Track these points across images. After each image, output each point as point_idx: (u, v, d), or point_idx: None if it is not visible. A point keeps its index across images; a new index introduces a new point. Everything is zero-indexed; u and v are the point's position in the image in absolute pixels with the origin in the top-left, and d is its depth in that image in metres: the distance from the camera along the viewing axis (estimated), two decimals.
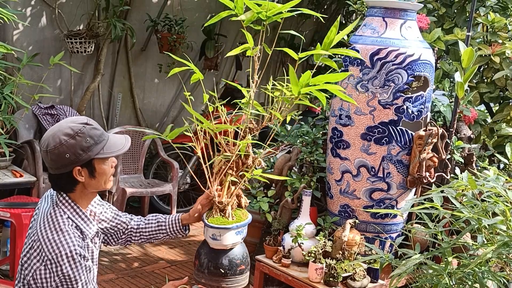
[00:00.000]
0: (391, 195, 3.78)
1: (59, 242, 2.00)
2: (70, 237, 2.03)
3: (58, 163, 2.07)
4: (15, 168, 4.68)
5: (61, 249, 1.99)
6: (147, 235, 2.49)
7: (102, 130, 2.14)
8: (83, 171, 2.10)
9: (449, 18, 4.78)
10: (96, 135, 2.10)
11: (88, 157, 2.08)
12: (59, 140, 2.05)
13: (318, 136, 4.36)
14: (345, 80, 3.78)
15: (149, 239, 2.50)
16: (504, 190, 2.34)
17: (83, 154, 2.06)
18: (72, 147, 2.05)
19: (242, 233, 2.39)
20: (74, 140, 2.05)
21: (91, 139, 2.08)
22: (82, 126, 2.08)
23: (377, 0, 3.77)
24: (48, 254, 1.99)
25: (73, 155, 2.05)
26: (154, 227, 2.48)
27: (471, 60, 2.87)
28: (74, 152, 2.05)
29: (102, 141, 2.11)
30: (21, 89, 4.92)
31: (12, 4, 4.83)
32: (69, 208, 2.12)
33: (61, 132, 2.07)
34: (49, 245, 2.00)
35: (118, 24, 5.29)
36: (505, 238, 2.24)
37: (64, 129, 2.08)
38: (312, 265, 3.52)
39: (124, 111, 6.09)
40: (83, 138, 2.06)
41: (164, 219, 2.50)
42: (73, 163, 2.07)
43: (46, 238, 2.02)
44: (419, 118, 3.73)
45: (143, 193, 5.39)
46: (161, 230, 2.48)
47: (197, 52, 6.32)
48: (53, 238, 2.02)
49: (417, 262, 2.38)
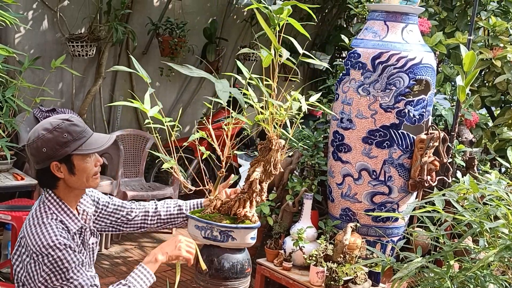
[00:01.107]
0: (393, 199, 3.78)
1: (41, 234, 2.01)
2: (52, 229, 2.03)
3: (37, 157, 2.08)
4: (16, 171, 4.68)
5: (42, 239, 2.00)
6: (165, 218, 2.46)
7: (84, 128, 2.13)
8: (61, 167, 2.09)
9: (450, 22, 4.79)
10: (75, 131, 2.09)
11: (65, 153, 2.07)
12: (37, 134, 2.07)
13: (320, 140, 4.36)
14: (346, 83, 3.79)
15: (166, 223, 2.47)
16: (505, 194, 2.34)
17: (60, 149, 2.06)
18: (49, 142, 2.06)
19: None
20: (52, 134, 2.06)
21: (69, 135, 2.07)
22: (61, 122, 2.09)
23: (378, 4, 3.77)
24: (33, 247, 2.00)
25: (50, 150, 2.06)
26: (173, 210, 2.46)
27: (473, 64, 2.87)
28: (51, 146, 2.06)
29: (81, 138, 2.10)
30: (22, 92, 4.92)
31: (14, 8, 4.84)
32: (54, 205, 2.12)
33: (41, 127, 2.09)
34: (33, 239, 2.01)
35: (119, 27, 5.29)
36: (507, 241, 2.24)
37: (44, 124, 2.10)
38: (313, 268, 3.51)
39: (125, 114, 6.09)
40: (61, 133, 2.07)
41: (184, 203, 2.48)
42: (50, 158, 2.07)
43: (30, 233, 2.03)
44: (420, 121, 3.73)
45: (144, 196, 5.39)
46: (181, 214, 2.46)
47: (198, 55, 6.33)
48: (36, 231, 2.03)
49: (419, 266, 2.38)
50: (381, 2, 3.75)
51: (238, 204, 2.40)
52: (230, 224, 2.37)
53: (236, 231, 2.35)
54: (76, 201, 2.21)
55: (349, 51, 3.85)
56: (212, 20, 6.26)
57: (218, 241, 2.37)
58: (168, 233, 5.62)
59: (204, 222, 2.39)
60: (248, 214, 2.38)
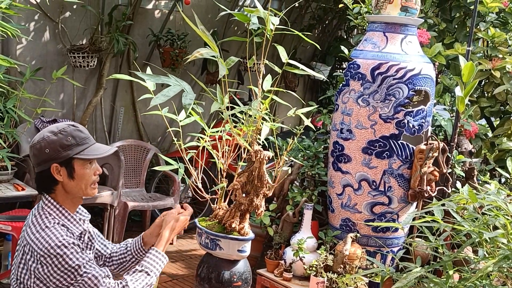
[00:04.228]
0: (392, 209, 3.78)
1: (47, 236, 2.03)
2: (57, 230, 2.05)
3: (39, 158, 2.12)
4: (17, 181, 4.69)
5: (49, 241, 2.01)
6: (116, 259, 2.43)
7: (88, 136, 2.18)
8: (61, 170, 2.12)
9: (449, 33, 4.81)
10: (79, 136, 2.14)
11: (66, 155, 2.10)
12: (43, 136, 2.12)
13: (320, 150, 4.37)
14: (346, 94, 3.80)
15: (120, 265, 2.43)
16: (505, 204, 2.35)
17: (62, 152, 2.10)
18: (53, 143, 2.10)
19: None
20: (56, 136, 2.10)
21: (73, 139, 2.12)
22: (67, 126, 2.14)
23: (377, 15, 3.80)
24: (40, 251, 2.01)
25: (52, 151, 2.09)
26: (122, 250, 2.43)
27: (472, 74, 2.89)
28: (54, 148, 2.09)
29: (84, 144, 2.15)
30: (23, 103, 4.94)
31: (16, 19, 4.87)
32: (54, 210, 2.14)
33: (47, 130, 2.15)
34: (39, 243, 2.02)
35: (120, 38, 5.32)
36: (506, 251, 2.24)
37: (51, 127, 2.16)
38: (313, 279, 3.51)
39: (126, 125, 6.10)
40: (65, 136, 2.11)
41: (130, 241, 2.46)
42: (52, 159, 2.10)
43: (34, 239, 2.04)
44: (420, 132, 3.74)
45: (145, 207, 5.39)
46: (128, 252, 2.43)
47: (199, 66, 6.35)
48: (40, 236, 2.04)
49: (418, 276, 2.38)
50: (380, 13, 3.78)
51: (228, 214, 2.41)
52: (216, 232, 2.39)
53: (224, 241, 2.37)
54: (74, 208, 2.22)
55: (349, 62, 3.87)
56: (213, 31, 6.29)
57: (209, 249, 2.39)
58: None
59: (199, 228, 2.42)
60: (234, 226, 2.40)
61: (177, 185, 5.54)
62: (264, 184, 2.37)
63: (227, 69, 2.23)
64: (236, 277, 2.41)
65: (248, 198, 2.38)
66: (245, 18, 2.31)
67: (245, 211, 2.41)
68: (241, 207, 2.39)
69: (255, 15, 2.30)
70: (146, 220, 5.84)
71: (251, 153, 2.35)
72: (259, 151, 2.34)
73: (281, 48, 2.40)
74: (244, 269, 2.46)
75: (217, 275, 2.41)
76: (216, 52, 2.21)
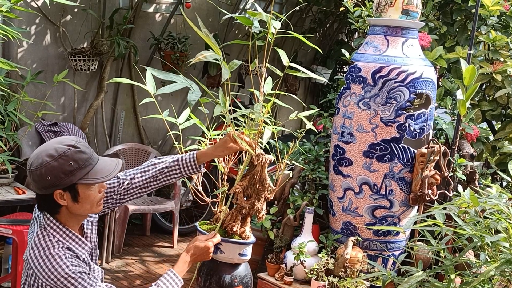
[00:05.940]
0: (394, 213, 3.77)
1: (52, 267, 1.95)
2: (61, 259, 1.96)
3: (40, 184, 1.99)
4: (17, 185, 4.68)
5: (55, 273, 1.94)
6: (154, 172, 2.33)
7: (90, 154, 2.03)
8: (65, 195, 2.01)
9: (450, 36, 4.80)
10: (82, 159, 1.99)
11: (70, 182, 1.98)
12: (42, 161, 1.96)
13: (321, 154, 4.36)
14: (347, 97, 3.80)
15: (154, 178, 2.33)
16: (506, 207, 2.34)
17: (65, 178, 1.97)
18: (54, 170, 1.95)
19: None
20: (57, 162, 1.96)
21: (75, 163, 1.97)
22: (67, 149, 1.98)
23: (379, 19, 3.80)
24: (46, 280, 1.95)
25: (54, 178, 1.96)
26: (165, 164, 2.34)
27: (473, 78, 2.88)
28: (56, 175, 1.96)
29: (88, 166, 2.00)
30: (24, 106, 4.94)
31: (16, 22, 4.87)
32: (58, 231, 2.04)
33: (45, 153, 1.98)
34: (45, 274, 1.95)
35: (121, 42, 5.33)
36: (508, 255, 2.24)
37: (49, 149, 1.99)
38: (314, 282, 3.50)
39: (127, 128, 6.10)
40: (66, 161, 1.96)
41: (170, 158, 2.36)
42: (54, 186, 1.98)
43: (40, 268, 1.96)
44: (421, 135, 3.74)
45: (146, 210, 5.38)
46: (175, 164, 2.34)
47: (200, 70, 6.35)
48: (45, 265, 1.96)
49: (420, 280, 2.37)
50: (381, 17, 3.77)
51: (229, 218, 2.41)
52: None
53: (225, 244, 2.37)
54: (78, 224, 2.14)
55: (350, 65, 3.87)
56: (214, 34, 6.29)
57: None
58: (169, 247, 5.61)
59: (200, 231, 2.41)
60: (236, 229, 2.39)
61: (178, 188, 5.54)
62: (265, 187, 2.36)
63: (229, 72, 2.23)
64: (237, 280, 2.41)
65: (250, 202, 2.38)
66: (247, 21, 2.30)
67: (246, 215, 2.40)
68: (243, 211, 2.38)
69: (258, 18, 2.29)
70: (146, 223, 5.84)
71: (253, 157, 2.35)
72: (261, 155, 2.33)
73: (282, 51, 2.39)
74: (245, 272, 2.46)
75: (218, 278, 2.40)
76: (219, 55, 2.20)
